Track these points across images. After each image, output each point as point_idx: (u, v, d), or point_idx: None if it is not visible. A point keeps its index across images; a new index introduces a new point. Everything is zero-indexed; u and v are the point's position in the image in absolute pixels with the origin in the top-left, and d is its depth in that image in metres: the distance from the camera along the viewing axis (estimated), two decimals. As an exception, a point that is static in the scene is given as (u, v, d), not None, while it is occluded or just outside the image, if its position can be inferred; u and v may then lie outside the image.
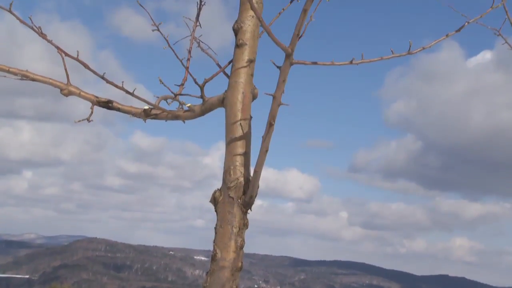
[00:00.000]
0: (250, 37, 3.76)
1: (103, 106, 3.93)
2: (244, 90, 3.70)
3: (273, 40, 3.15)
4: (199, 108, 3.92)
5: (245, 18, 3.78)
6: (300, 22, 3.17)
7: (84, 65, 3.73)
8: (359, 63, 3.43)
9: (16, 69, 3.79)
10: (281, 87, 3.31)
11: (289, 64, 3.25)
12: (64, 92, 3.86)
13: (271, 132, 3.38)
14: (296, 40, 3.20)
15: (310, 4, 3.12)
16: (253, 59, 3.76)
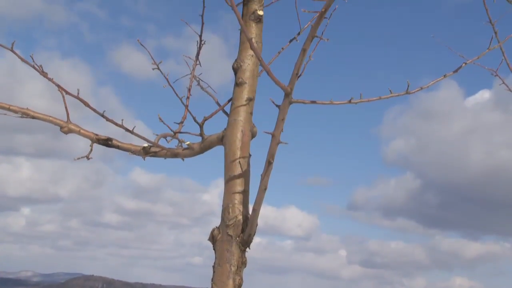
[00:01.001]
0: (250, 76, 3.79)
1: (102, 144, 3.94)
2: (243, 128, 3.71)
3: (272, 79, 3.18)
4: (198, 146, 3.93)
5: (244, 57, 3.81)
6: (299, 61, 3.20)
7: (85, 103, 3.76)
8: (358, 103, 3.46)
9: (17, 107, 3.82)
10: (280, 126, 3.32)
11: (288, 103, 3.27)
12: (64, 130, 3.88)
13: (270, 171, 3.38)
14: (295, 79, 3.22)
15: (309, 44, 3.16)
16: (252, 97, 3.78)
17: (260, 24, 3.83)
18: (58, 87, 3.80)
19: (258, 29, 3.82)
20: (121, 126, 3.76)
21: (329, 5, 3.09)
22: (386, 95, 3.56)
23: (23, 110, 3.82)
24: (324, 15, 3.10)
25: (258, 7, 3.79)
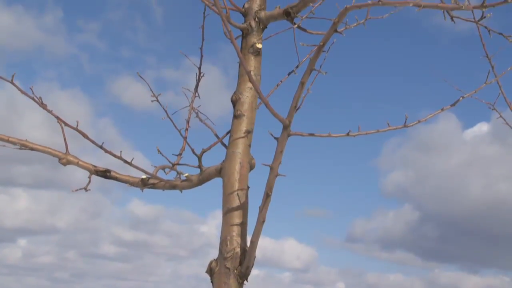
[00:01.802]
0: (248, 108, 3.81)
1: (101, 176, 3.95)
2: (241, 160, 3.72)
3: (270, 111, 3.20)
4: (196, 178, 3.93)
5: (243, 89, 3.83)
6: (298, 94, 3.22)
7: (83, 135, 3.77)
8: (356, 135, 3.48)
9: (16, 139, 3.84)
10: (279, 158, 3.33)
11: (287, 135, 3.28)
12: (62, 162, 3.89)
13: (268, 203, 3.38)
14: (294, 112, 3.24)
15: (307, 77, 3.18)
16: (250, 129, 3.79)
17: (259, 57, 3.86)
18: (57, 119, 3.82)
19: (257, 62, 3.85)
20: (120, 157, 3.77)
21: (327, 39, 3.13)
22: (384, 128, 3.59)
23: (21, 142, 3.84)
24: (322, 48, 3.14)
25: (257, 40, 3.83)
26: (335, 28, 3.10)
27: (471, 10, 2.82)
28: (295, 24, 3.71)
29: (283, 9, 3.79)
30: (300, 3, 3.71)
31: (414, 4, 2.65)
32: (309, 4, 3.67)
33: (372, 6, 2.92)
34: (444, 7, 2.85)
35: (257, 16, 3.84)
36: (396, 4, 2.77)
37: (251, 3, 3.89)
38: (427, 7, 2.73)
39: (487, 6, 2.63)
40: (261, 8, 3.87)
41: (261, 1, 3.90)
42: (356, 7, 3.02)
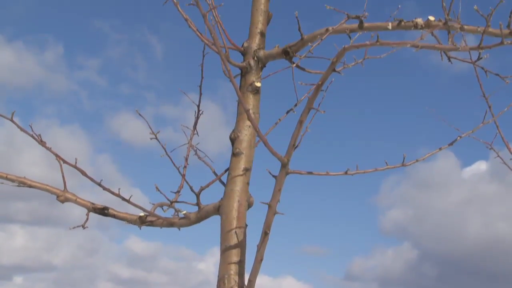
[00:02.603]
0: (247, 146, 3.82)
1: (99, 213, 3.95)
2: (239, 198, 3.71)
3: (269, 150, 3.21)
4: (194, 215, 3.92)
5: (242, 127, 3.85)
6: (296, 132, 3.24)
7: (82, 173, 3.78)
8: (354, 174, 3.48)
9: (14, 176, 3.84)
10: (277, 196, 3.33)
11: (285, 173, 3.29)
12: (60, 199, 3.89)
13: (266, 241, 3.36)
14: (292, 151, 3.25)
15: (306, 116, 3.20)
16: (249, 167, 3.80)
17: (258, 95, 3.88)
18: (56, 156, 3.83)
19: (255, 100, 3.87)
20: (118, 195, 3.77)
21: (326, 78, 3.16)
22: (382, 167, 3.60)
23: (20, 179, 3.85)
24: (320, 87, 3.16)
25: (256, 79, 3.86)
26: (333, 68, 3.13)
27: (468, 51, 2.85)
28: (293, 63, 3.74)
29: (282, 48, 3.83)
30: (298, 42, 3.74)
31: (412, 45, 2.69)
32: (307, 43, 3.70)
33: (370, 46, 2.96)
34: (441, 48, 2.89)
35: (256, 55, 3.88)
36: (394, 44, 2.80)
37: (250, 42, 3.93)
38: (424, 48, 2.77)
39: (484, 48, 2.66)
40: (260, 47, 3.91)
41: (260, 40, 3.94)
42: (354, 47, 3.05)
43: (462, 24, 3.05)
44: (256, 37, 3.94)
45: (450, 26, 2.99)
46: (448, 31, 3.00)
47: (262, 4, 4.02)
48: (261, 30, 3.97)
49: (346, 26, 3.50)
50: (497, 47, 2.68)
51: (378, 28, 3.38)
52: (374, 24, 3.40)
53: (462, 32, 3.04)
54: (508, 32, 2.86)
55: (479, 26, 3.08)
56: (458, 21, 3.03)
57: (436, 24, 3.08)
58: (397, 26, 3.27)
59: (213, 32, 3.40)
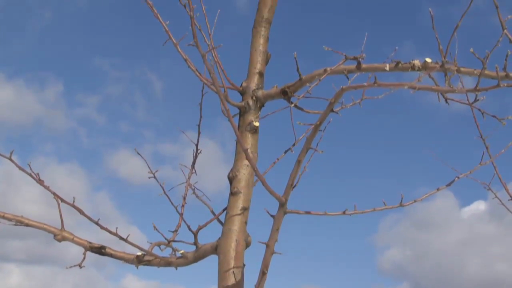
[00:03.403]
0: (245, 185, 3.82)
1: (96, 252, 3.93)
2: (237, 238, 3.70)
3: (267, 189, 3.21)
4: (192, 255, 3.90)
5: (240, 166, 3.85)
6: (294, 172, 3.24)
7: (80, 211, 3.77)
8: (352, 214, 3.48)
9: (11, 215, 3.84)
10: (275, 236, 3.32)
11: (283, 213, 3.28)
12: (57, 238, 3.89)
13: (264, 281, 3.35)
14: (290, 190, 3.25)
15: (304, 155, 3.21)
16: (247, 207, 3.79)
17: (256, 134, 3.90)
18: (54, 195, 3.83)
19: (253, 139, 3.89)
20: (115, 234, 3.76)
21: (324, 118, 3.17)
22: (380, 207, 3.60)
23: (17, 218, 3.85)
24: (318, 127, 3.18)
25: (254, 118, 3.88)
26: (331, 108, 3.15)
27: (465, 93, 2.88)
28: (292, 103, 3.76)
29: (280, 89, 3.86)
30: (297, 82, 3.77)
31: (409, 86, 2.71)
32: (306, 84, 3.73)
33: (368, 87, 2.99)
34: (438, 90, 2.92)
35: (254, 94, 3.91)
36: (392, 86, 2.82)
37: (248, 82, 3.96)
38: (421, 89, 2.79)
39: (480, 90, 2.69)
40: (258, 87, 3.94)
41: (258, 80, 3.98)
42: (352, 88, 3.08)
43: (459, 67, 3.08)
44: (255, 77, 3.98)
45: (447, 68, 3.02)
46: (445, 73, 3.03)
47: (261, 44, 4.07)
48: (259, 70, 4.01)
49: (344, 67, 3.53)
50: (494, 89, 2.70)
51: (375, 69, 3.41)
52: (371, 66, 3.44)
53: (459, 74, 3.07)
54: (504, 74, 2.90)
55: (476, 69, 3.12)
56: (455, 63, 3.06)
57: (433, 66, 3.11)
58: (394, 67, 3.31)
59: (212, 72, 3.44)
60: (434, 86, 2.98)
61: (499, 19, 2.74)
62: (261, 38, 4.08)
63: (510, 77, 2.93)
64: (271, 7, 4.15)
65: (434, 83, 3.13)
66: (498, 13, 2.76)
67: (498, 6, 2.74)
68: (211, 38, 3.88)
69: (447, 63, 3.04)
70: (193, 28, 3.38)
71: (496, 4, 2.74)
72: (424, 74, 2.97)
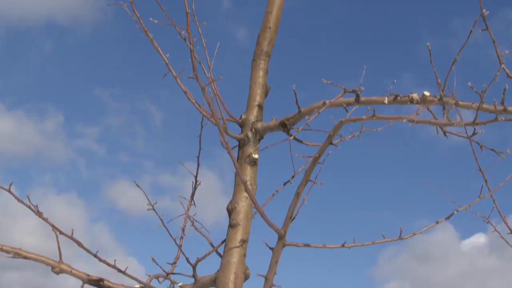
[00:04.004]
0: (244, 217, 3.81)
1: (94, 285, 3.91)
2: (236, 270, 3.68)
3: (266, 221, 3.21)
4: (190, 287, 3.88)
5: (239, 199, 3.85)
6: (293, 204, 3.25)
7: (78, 243, 3.77)
8: (351, 247, 3.47)
9: (9, 247, 3.83)
10: (274, 269, 3.31)
11: (282, 245, 3.28)
12: (55, 270, 3.87)
13: (263, 314, 3.33)
14: (289, 223, 3.25)
15: (303, 188, 3.22)
16: (246, 239, 3.78)
17: (255, 167, 3.90)
18: (52, 227, 3.83)
19: (253, 171, 3.89)
20: (114, 266, 3.75)
21: (323, 151, 3.19)
22: (380, 240, 3.59)
23: (15, 250, 3.84)
24: (318, 160, 3.19)
25: (254, 150, 3.88)
26: (330, 141, 3.17)
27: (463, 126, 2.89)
28: (291, 136, 3.77)
29: (279, 121, 3.87)
30: (296, 115, 3.79)
31: (408, 120, 2.73)
32: (305, 116, 3.75)
33: (366, 120, 3.00)
34: (437, 123, 2.93)
35: (253, 127, 3.92)
36: (390, 119, 2.84)
37: (248, 114, 3.98)
38: (420, 123, 2.80)
39: (479, 124, 2.70)
40: (257, 119, 3.96)
41: (257, 112, 3.99)
42: (351, 120, 3.10)
43: (457, 100, 3.10)
44: (254, 109, 4.00)
45: (445, 101, 3.04)
46: (444, 107, 3.05)
47: (260, 77, 4.09)
48: (259, 103, 4.03)
49: (343, 100, 3.55)
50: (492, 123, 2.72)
51: (374, 102, 3.43)
52: (370, 99, 3.45)
53: (457, 107, 3.09)
54: (502, 108, 2.91)
55: (474, 103, 3.13)
56: (453, 96, 3.08)
57: (432, 100, 3.13)
58: (393, 100, 3.32)
59: (212, 104, 3.46)
60: (433, 119, 2.99)
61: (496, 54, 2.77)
62: (261, 71, 4.11)
63: (508, 111, 2.95)
64: (270, 40, 4.19)
65: (432, 116, 3.15)
66: (496, 48, 2.78)
67: (496, 41, 2.77)
68: (210, 70, 3.92)
69: (445, 96, 3.06)
70: (193, 61, 3.41)
71: (493, 38, 2.77)
72: (422, 108, 2.99)
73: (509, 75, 2.82)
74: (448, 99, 3.07)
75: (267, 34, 4.20)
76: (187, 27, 3.49)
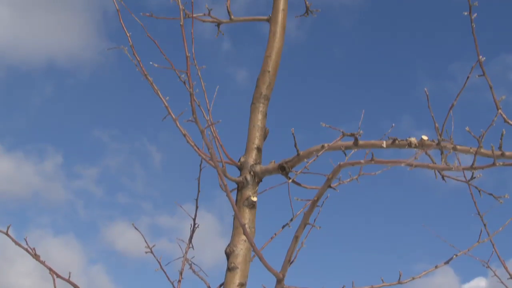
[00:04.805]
0: (242, 260, 3.79)
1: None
2: (234, 313, 3.65)
3: (264, 265, 3.18)
4: (187, 332, 3.85)
5: (237, 242, 3.84)
6: (292, 248, 3.23)
7: (75, 287, 3.74)
8: (350, 292, 3.45)
9: (6, 290, 3.82)
10: (272, 313, 3.28)
11: (280, 289, 3.25)
12: (52, 314, 3.83)
13: None
14: (288, 266, 3.23)
15: (301, 231, 3.21)
16: (244, 283, 3.76)
17: (254, 210, 3.90)
18: (49, 270, 3.81)
19: (251, 214, 3.89)
20: (110, 310, 3.73)
21: (322, 194, 3.19)
22: (378, 285, 3.57)
23: (12, 293, 3.82)
24: (316, 203, 3.19)
25: (252, 193, 3.89)
26: (329, 184, 3.17)
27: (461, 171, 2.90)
28: (290, 179, 3.77)
29: (278, 164, 3.88)
30: (294, 158, 3.80)
31: (406, 164, 2.74)
32: (303, 159, 3.76)
33: (365, 164, 3.01)
34: (435, 168, 2.94)
35: (252, 170, 3.93)
36: (389, 163, 2.85)
37: (246, 157, 3.99)
38: (418, 167, 2.81)
39: (477, 168, 2.72)
40: (256, 162, 3.97)
41: (256, 155, 4.00)
42: (350, 164, 3.11)
43: (455, 144, 3.12)
44: (253, 152, 4.01)
45: (443, 146, 3.05)
46: (442, 151, 3.06)
47: (259, 120, 4.12)
48: (258, 146, 4.04)
49: (341, 143, 3.56)
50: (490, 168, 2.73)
51: (373, 145, 3.45)
52: (369, 142, 3.47)
53: (455, 151, 3.11)
54: (500, 153, 2.93)
55: (472, 147, 3.15)
56: (451, 141, 3.10)
57: (430, 144, 3.15)
58: (391, 144, 3.34)
59: (211, 147, 3.47)
60: (431, 164, 3.00)
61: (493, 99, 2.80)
62: (260, 114, 4.14)
63: (505, 156, 2.96)
64: (269, 84, 4.23)
65: (431, 161, 3.16)
66: (493, 94, 2.81)
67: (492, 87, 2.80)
68: (210, 113, 3.94)
69: (443, 141, 3.08)
70: (192, 104, 3.44)
71: (490, 84, 2.80)
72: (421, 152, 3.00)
73: (506, 120, 2.84)
74: (446, 144, 3.09)
75: (266, 77, 4.24)
76: (187, 71, 3.53)
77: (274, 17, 4.42)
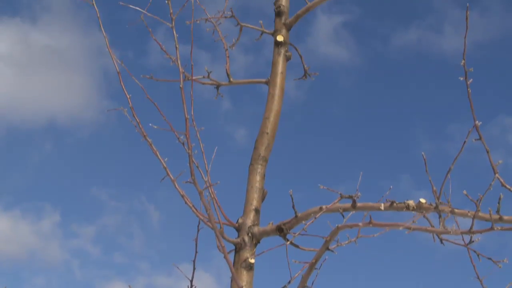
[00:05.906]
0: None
1: None
2: None
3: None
4: None
5: (235, 304, 3.80)
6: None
7: None
8: None
9: None
10: None
11: None
12: None
13: None
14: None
15: None
16: None
17: (251, 271, 3.87)
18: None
19: (249, 276, 3.85)
20: None
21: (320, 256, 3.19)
22: None
23: None
24: (314, 265, 3.18)
25: (250, 255, 3.86)
26: (327, 246, 3.17)
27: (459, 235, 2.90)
28: (288, 241, 3.76)
29: (276, 226, 3.87)
30: (292, 220, 3.79)
31: (404, 227, 2.74)
32: (301, 221, 3.75)
33: (363, 227, 3.01)
34: (433, 231, 2.94)
35: (250, 231, 3.91)
36: (387, 226, 2.85)
37: (244, 218, 3.98)
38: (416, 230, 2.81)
39: (475, 232, 2.71)
40: (254, 223, 3.96)
41: (254, 217, 3.99)
42: (348, 226, 3.11)
43: (453, 208, 3.12)
44: (251, 213, 4.00)
45: (441, 209, 3.05)
46: (439, 214, 3.06)
47: (257, 182, 4.12)
48: (256, 207, 4.04)
49: (339, 206, 3.56)
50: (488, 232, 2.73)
51: (371, 208, 3.44)
52: (367, 205, 3.47)
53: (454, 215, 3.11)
54: (498, 217, 2.93)
55: (469, 211, 3.15)
56: (449, 204, 3.10)
57: (428, 207, 3.15)
58: (389, 207, 3.34)
59: (209, 209, 3.47)
60: (429, 227, 3.00)
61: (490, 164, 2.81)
62: (258, 176, 4.14)
63: (503, 220, 2.96)
64: (267, 145, 4.25)
65: (429, 223, 3.16)
66: (489, 158, 2.83)
67: (489, 151, 2.82)
68: (208, 175, 3.94)
69: (441, 204, 3.08)
70: (191, 166, 3.45)
71: (487, 149, 2.82)
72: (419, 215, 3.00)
73: (503, 184, 2.85)
74: (444, 207, 3.09)
75: (264, 139, 4.27)
76: (186, 132, 3.56)
77: (272, 79, 4.48)
